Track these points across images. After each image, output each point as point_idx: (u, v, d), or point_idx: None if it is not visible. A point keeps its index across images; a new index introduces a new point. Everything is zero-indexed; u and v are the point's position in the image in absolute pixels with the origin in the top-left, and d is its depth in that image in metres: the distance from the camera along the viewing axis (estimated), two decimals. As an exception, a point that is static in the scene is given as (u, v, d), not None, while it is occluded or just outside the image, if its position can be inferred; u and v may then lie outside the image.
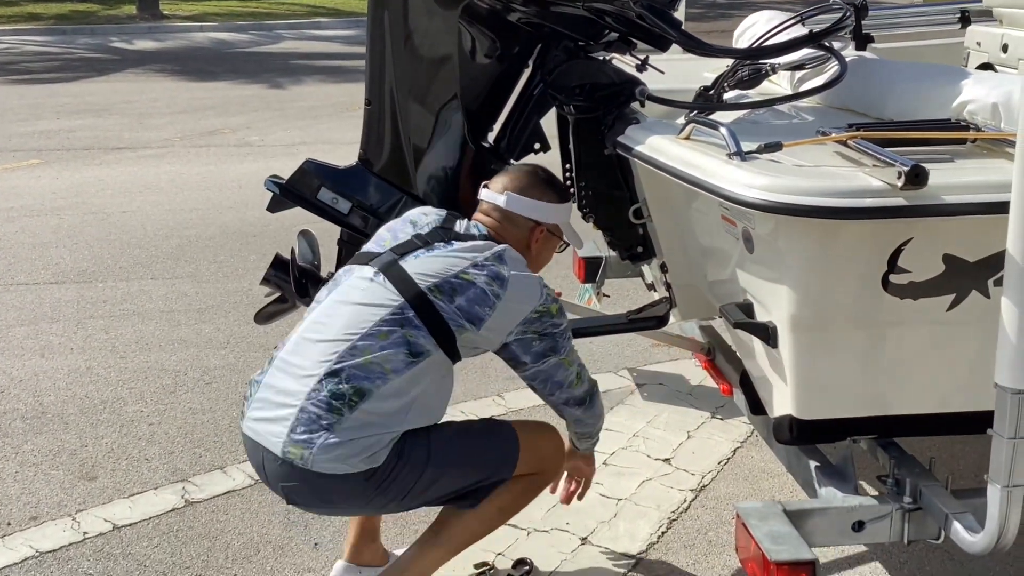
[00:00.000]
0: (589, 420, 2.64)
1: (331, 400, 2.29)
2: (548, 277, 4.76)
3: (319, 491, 2.36)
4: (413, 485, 2.39)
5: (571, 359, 2.53)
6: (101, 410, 3.86)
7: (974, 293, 2.13)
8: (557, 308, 2.48)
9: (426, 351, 2.35)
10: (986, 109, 2.30)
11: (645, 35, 2.69)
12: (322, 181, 2.83)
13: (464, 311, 2.36)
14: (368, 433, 2.30)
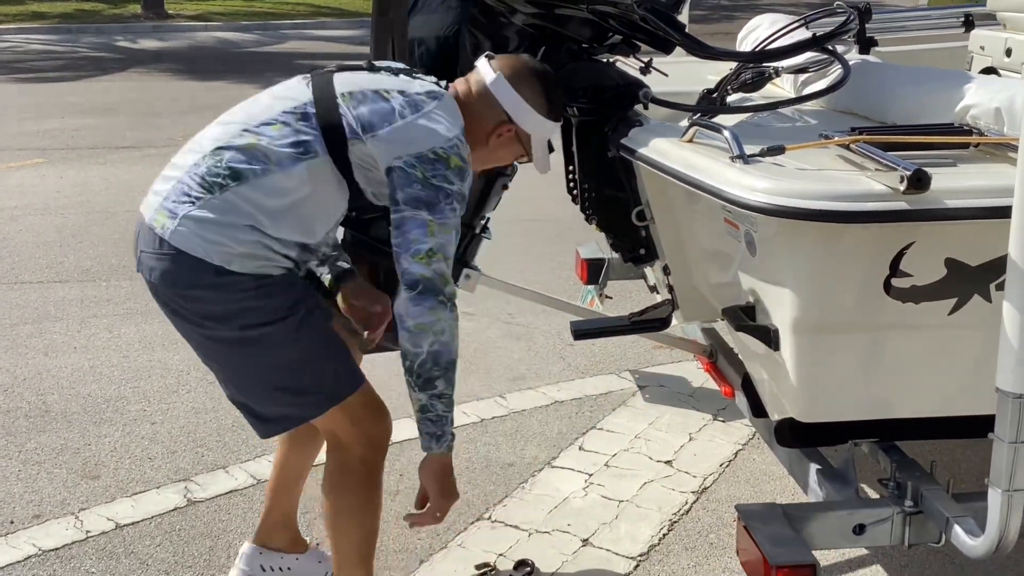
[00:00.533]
0: (413, 323, 2.22)
1: (206, 176, 2.21)
2: (551, 279, 4.75)
3: (172, 279, 2.23)
4: (244, 335, 2.25)
5: (438, 232, 2.21)
6: (104, 409, 3.87)
7: (976, 297, 2.13)
8: (458, 165, 2.23)
9: (313, 151, 2.23)
10: (989, 113, 2.30)
11: (649, 38, 2.70)
12: None
13: (363, 119, 2.24)
14: (233, 218, 2.19)
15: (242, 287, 2.22)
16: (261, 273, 2.24)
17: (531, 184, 3.96)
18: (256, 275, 2.23)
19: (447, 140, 2.24)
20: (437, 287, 2.22)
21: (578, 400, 3.98)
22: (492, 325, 4.70)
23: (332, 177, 2.27)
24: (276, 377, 2.33)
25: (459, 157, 2.24)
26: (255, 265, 2.23)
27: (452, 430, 2.32)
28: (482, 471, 3.45)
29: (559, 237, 5.87)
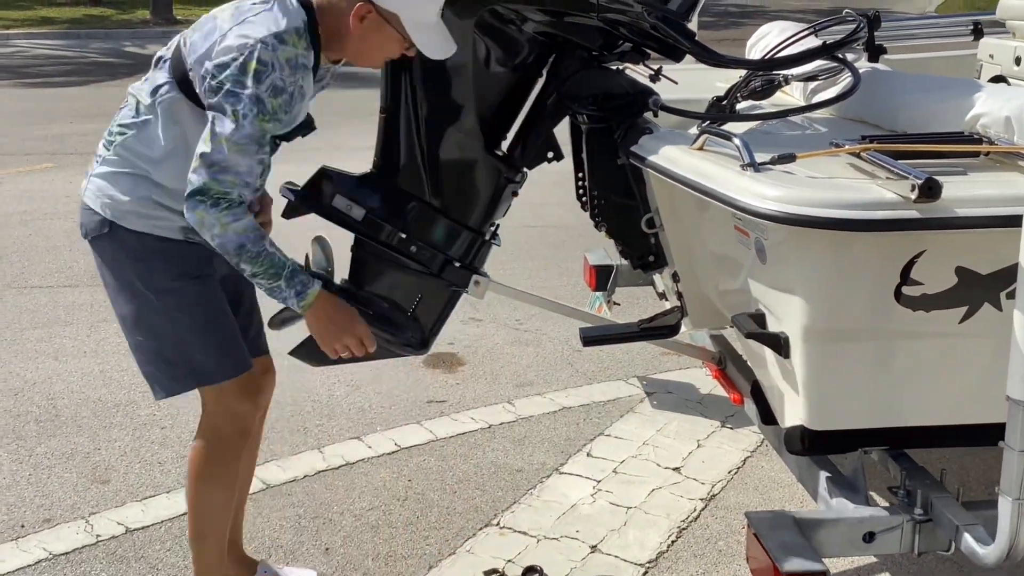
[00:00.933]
0: (194, 225, 2.26)
1: (106, 136, 2.43)
2: (559, 285, 4.76)
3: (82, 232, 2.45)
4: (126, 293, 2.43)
5: (216, 141, 2.20)
6: (114, 413, 3.89)
7: (986, 306, 2.13)
8: (256, 68, 2.17)
9: (165, 91, 2.32)
10: (999, 122, 2.31)
11: (659, 45, 2.70)
12: (337, 188, 2.84)
13: (193, 45, 2.30)
14: (122, 168, 2.36)
15: (129, 245, 2.37)
16: (153, 234, 2.36)
17: (539, 191, 3.99)
18: (145, 234, 2.36)
19: (251, 43, 2.19)
20: (207, 190, 2.22)
21: (586, 406, 3.99)
22: (500, 331, 4.70)
23: (192, 113, 2.32)
24: (151, 340, 2.47)
25: (257, 59, 2.18)
26: (145, 224, 2.36)
27: (302, 289, 2.36)
28: (490, 477, 3.46)
29: (566, 243, 5.88)
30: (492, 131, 2.87)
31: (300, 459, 3.56)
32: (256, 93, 2.19)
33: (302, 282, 2.36)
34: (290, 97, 2.25)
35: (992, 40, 3.89)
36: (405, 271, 2.89)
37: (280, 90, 2.22)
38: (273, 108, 2.22)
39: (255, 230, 2.30)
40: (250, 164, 2.25)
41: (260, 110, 2.20)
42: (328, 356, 3.12)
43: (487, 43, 2.72)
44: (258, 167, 2.30)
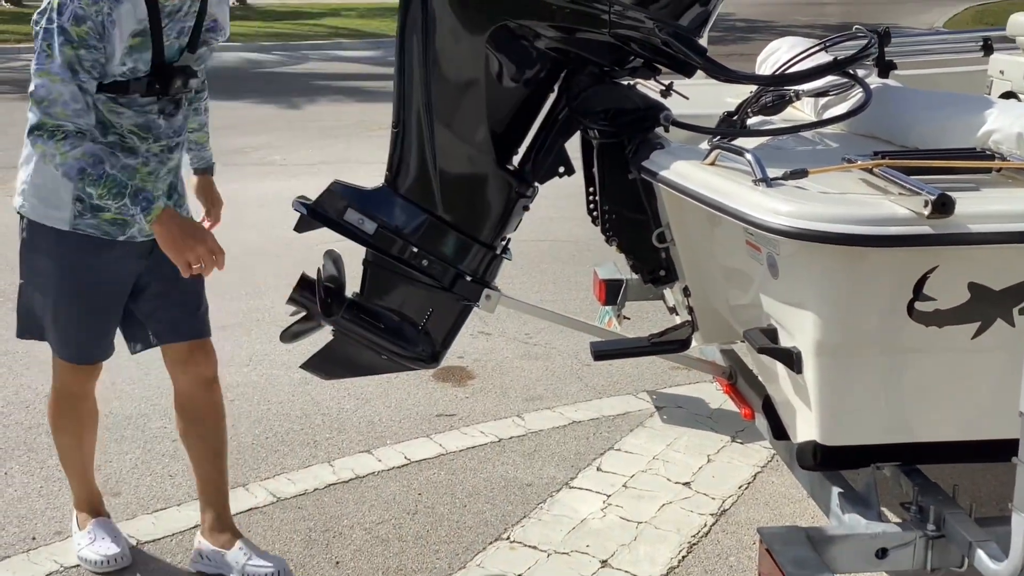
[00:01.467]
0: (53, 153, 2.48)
1: None
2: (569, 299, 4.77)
3: None
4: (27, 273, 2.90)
5: (40, 77, 2.46)
6: (125, 426, 3.90)
7: (999, 321, 2.13)
8: (58, 4, 2.43)
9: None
10: (1011, 138, 2.31)
11: (670, 61, 2.71)
12: (349, 202, 2.85)
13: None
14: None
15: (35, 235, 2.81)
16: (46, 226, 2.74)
17: (549, 204, 4.01)
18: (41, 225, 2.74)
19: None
20: (42, 125, 2.47)
21: (596, 420, 3.99)
22: (509, 345, 4.71)
23: None
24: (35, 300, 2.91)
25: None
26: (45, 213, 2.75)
27: (147, 205, 2.51)
28: (500, 491, 3.46)
29: (576, 257, 5.89)
30: (504, 146, 2.88)
31: (310, 472, 3.56)
32: (60, 24, 2.43)
33: (146, 198, 2.52)
34: (98, 25, 2.45)
35: (1002, 56, 3.90)
36: (416, 285, 2.90)
37: (82, 18, 2.44)
38: (79, 35, 2.44)
39: (93, 155, 2.48)
40: (73, 91, 2.46)
41: (66, 39, 2.43)
42: (337, 370, 3.14)
43: (499, 58, 2.74)
44: (81, 95, 2.48)
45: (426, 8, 2.67)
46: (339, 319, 2.91)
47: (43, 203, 2.72)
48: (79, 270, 2.76)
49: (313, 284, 2.91)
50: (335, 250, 3.02)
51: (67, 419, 3.01)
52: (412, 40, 2.73)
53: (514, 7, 2.61)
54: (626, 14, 2.55)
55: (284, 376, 4.28)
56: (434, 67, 2.74)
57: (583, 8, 2.56)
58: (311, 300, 2.91)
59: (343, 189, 2.91)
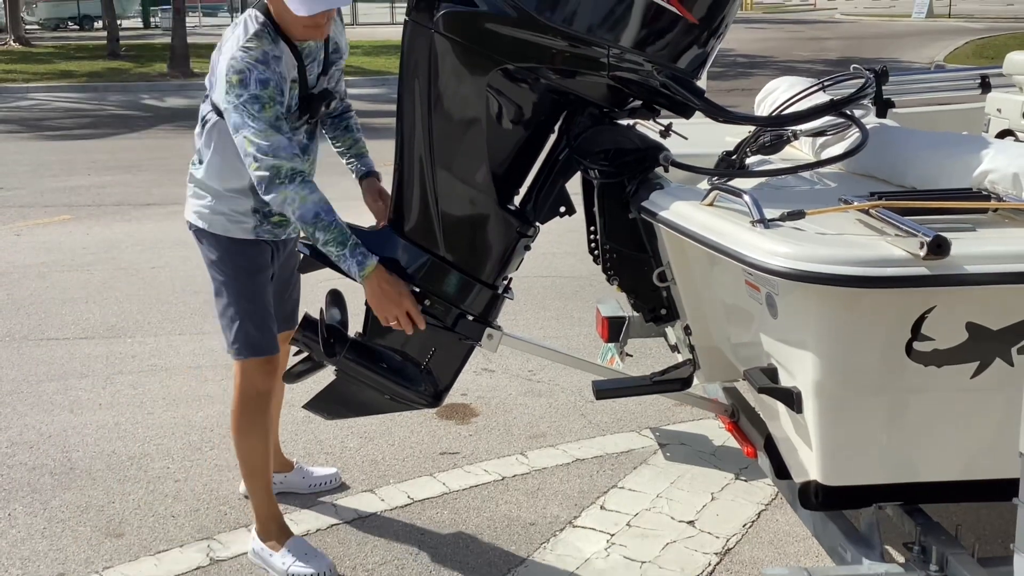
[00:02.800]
0: (277, 207, 2.77)
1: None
2: (571, 336, 4.76)
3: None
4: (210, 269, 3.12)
5: (253, 139, 2.72)
6: (128, 466, 3.90)
7: (998, 361, 2.14)
8: (237, 80, 2.73)
9: (208, 112, 2.97)
10: (1007, 179, 2.33)
11: (669, 102, 2.75)
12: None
13: (209, 73, 2.93)
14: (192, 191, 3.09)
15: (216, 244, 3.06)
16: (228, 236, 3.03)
17: (551, 240, 4.03)
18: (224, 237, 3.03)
19: (226, 70, 2.77)
20: (271, 179, 2.73)
21: (599, 458, 3.98)
22: (512, 382, 4.71)
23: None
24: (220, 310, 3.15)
25: (235, 72, 2.75)
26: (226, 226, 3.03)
27: (363, 260, 2.77)
28: (504, 530, 3.45)
29: (578, 294, 5.90)
30: (505, 186, 2.91)
31: (312, 513, 3.55)
32: (251, 94, 2.74)
33: (363, 253, 2.77)
34: (277, 83, 2.79)
35: (999, 94, 3.93)
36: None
37: (265, 81, 2.76)
38: (269, 96, 2.76)
39: (325, 202, 2.77)
40: (285, 141, 2.76)
41: (261, 104, 2.74)
42: (340, 410, 3.17)
43: (500, 100, 2.77)
44: (289, 143, 2.77)
45: (428, 51, 2.71)
46: (341, 359, 2.92)
47: (231, 223, 3.04)
48: (255, 270, 3.08)
49: (316, 324, 2.93)
50: (338, 290, 3.04)
51: (258, 419, 3.15)
52: (414, 82, 2.77)
53: (515, 50, 2.65)
54: (625, 57, 2.58)
55: (287, 415, 4.27)
56: (436, 109, 2.78)
57: (582, 51, 2.59)
58: (314, 340, 2.93)
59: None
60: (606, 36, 2.55)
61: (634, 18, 2.54)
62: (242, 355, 3.11)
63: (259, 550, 3.20)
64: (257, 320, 3.10)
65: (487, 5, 2.62)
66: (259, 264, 3.10)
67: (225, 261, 3.07)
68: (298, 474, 3.67)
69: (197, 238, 3.11)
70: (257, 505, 3.23)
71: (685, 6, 2.52)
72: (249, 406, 3.15)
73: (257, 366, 3.12)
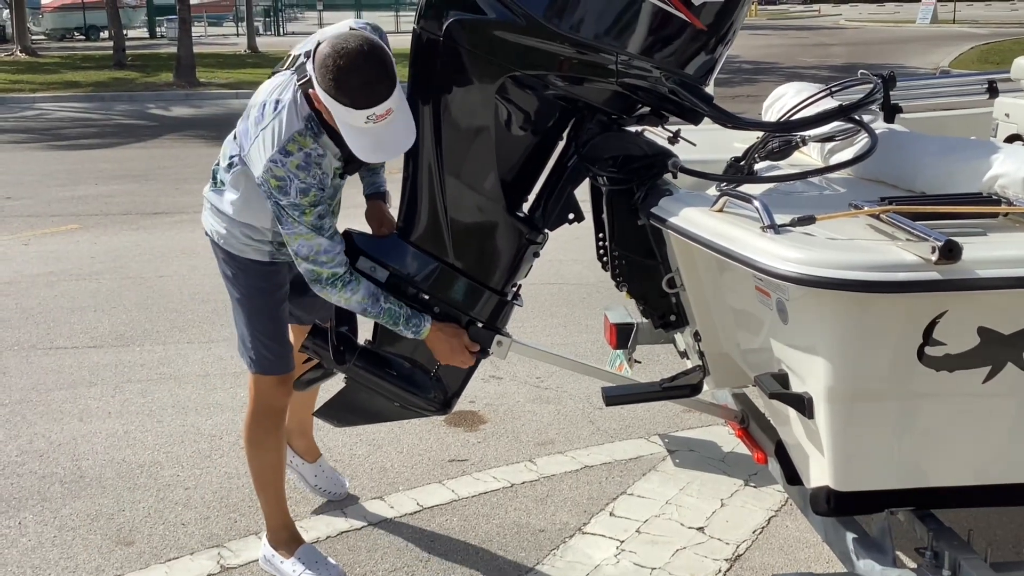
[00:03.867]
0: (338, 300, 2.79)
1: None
2: (579, 342, 4.76)
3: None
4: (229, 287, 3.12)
5: (292, 240, 2.73)
6: (138, 474, 3.90)
7: (1009, 365, 2.14)
8: (276, 184, 2.67)
9: (235, 156, 2.90)
10: (1017, 183, 2.33)
11: (677, 109, 2.75)
12: (360, 251, 2.89)
13: (239, 137, 2.86)
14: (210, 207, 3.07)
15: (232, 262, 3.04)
16: (245, 257, 3.00)
17: (559, 247, 4.03)
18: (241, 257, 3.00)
19: (264, 169, 2.70)
20: (313, 280, 2.77)
21: (608, 465, 3.98)
22: (520, 389, 4.71)
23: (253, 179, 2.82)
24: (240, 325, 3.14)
25: (274, 177, 2.68)
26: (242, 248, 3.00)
27: (417, 328, 2.83)
28: (513, 537, 3.44)
29: (586, 301, 5.90)
30: (513, 193, 2.92)
31: (322, 520, 3.56)
32: (291, 202, 2.69)
33: (416, 324, 2.83)
34: (318, 185, 2.72)
35: (1007, 99, 3.93)
36: None
37: (305, 190, 2.69)
38: (311, 201, 2.70)
39: (370, 296, 2.78)
40: (327, 243, 2.74)
41: (300, 211, 2.70)
42: (350, 417, 3.18)
43: (509, 108, 2.78)
44: (332, 243, 2.75)
45: (436, 59, 2.72)
46: (351, 367, 2.93)
47: (247, 247, 3.00)
48: (271, 289, 3.06)
49: (326, 332, 2.94)
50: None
51: (272, 435, 3.15)
52: (423, 90, 2.78)
53: (523, 58, 2.66)
54: (633, 63, 2.59)
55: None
56: (444, 117, 2.79)
57: (590, 58, 2.60)
58: (324, 348, 2.94)
59: (355, 237, 2.94)
60: (614, 43, 2.56)
61: (642, 25, 2.54)
62: (256, 371, 3.10)
63: (270, 557, 3.21)
64: (272, 338, 3.06)
65: (495, 13, 2.63)
66: (276, 283, 3.07)
67: (240, 279, 3.04)
68: (314, 469, 3.67)
69: (214, 250, 3.09)
70: (268, 514, 3.23)
71: (693, 12, 2.53)
72: (262, 420, 3.13)
73: (271, 383, 3.10)
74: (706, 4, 2.53)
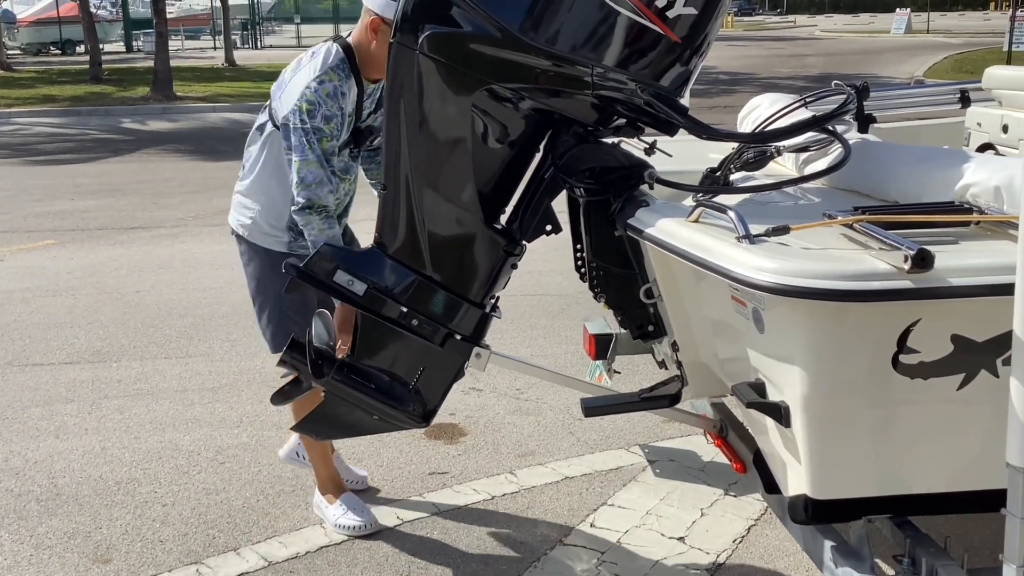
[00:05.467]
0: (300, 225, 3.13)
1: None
2: (558, 353, 4.76)
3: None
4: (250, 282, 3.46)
5: (302, 167, 3.06)
6: (115, 491, 3.87)
7: (983, 372, 2.16)
8: (308, 109, 3.05)
9: (266, 122, 3.27)
10: (989, 192, 2.35)
11: (653, 120, 2.76)
12: (338, 263, 2.89)
13: (273, 92, 3.25)
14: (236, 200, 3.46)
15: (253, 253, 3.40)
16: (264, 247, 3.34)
17: (538, 258, 4.02)
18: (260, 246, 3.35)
19: (299, 96, 3.08)
20: (305, 205, 3.08)
21: (588, 476, 3.98)
22: (500, 400, 4.71)
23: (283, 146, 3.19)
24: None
25: (307, 101, 3.07)
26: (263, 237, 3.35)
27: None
28: (494, 550, 3.44)
29: (565, 311, 5.91)
30: (491, 205, 2.92)
31: (302, 535, 3.54)
32: (314, 126, 3.06)
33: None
34: (341, 117, 3.13)
35: (979, 109, 3.97)
36: (407, 345, 2.92)
37: (329, 117, 3.09)
38: (330, 131, 3.10)
39: (338, 240, 3.12)
40: (328, 176, 3.09)
41: (320, 136, 3.07)
42: (329, 431, 3.17)
43: (485, 120, 2.78)
44: (330, 179, 3.10)
45: (413, 72, 2.73)
46: (330, 380, 2.92)
47: (268, 236, 3.34)
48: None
49: (304, 346, 2.93)
50: (325, 311, 3.04)
51: (310, 404, 3.25)
52: (400, 103, 2.78)
53: (500, 70, 2.66)
54: (608, 76, 2.60)
55: (275, 437, 4.27)
56: (421, 129, 2.79)
57: (567, 71, 2.61)
58: (302, 362, 2.93)
59: (332, 250, 2.94)
60: (589, 55, 2.57)
61: (617, 37, 2.56)
62: (274, 351, 3.30)
63: (318, 501, 3.64)
64: (296, 317, 3.27)
65: (471, 26, 2.63)
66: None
67: (260, 267, 3.36)
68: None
69: (239, 247, 3.44)
70: (316, 467, 3.65)
71: (668, 25, 2.54)
72: (303, 402, 3.27)
73: None
74: (681, 16, 2.55)
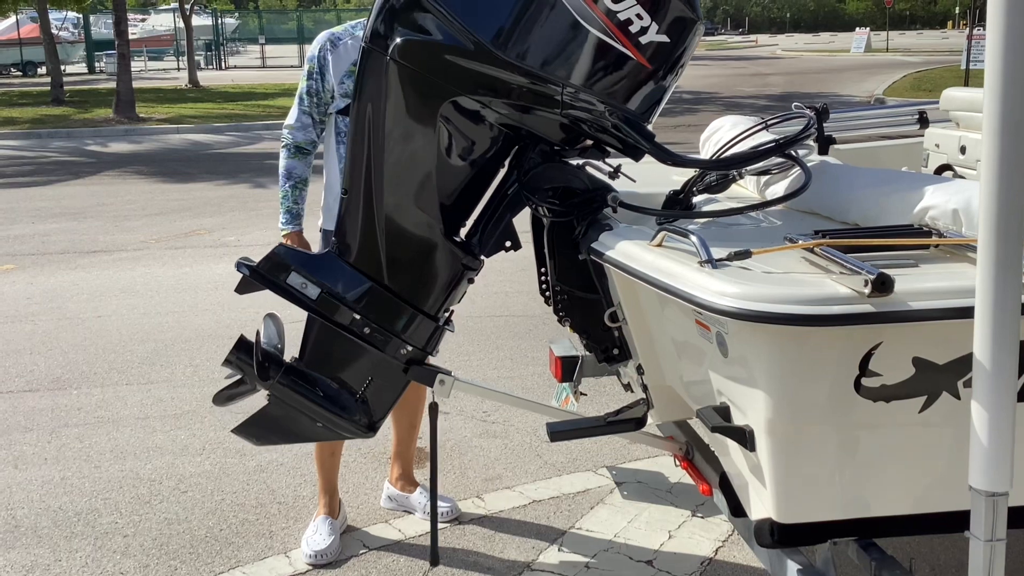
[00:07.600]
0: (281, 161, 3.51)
1: None
2: (525, 375, 4.75)
3: None
4: None
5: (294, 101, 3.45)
6: (75, 522, 3.80)
7: (945, 395, 2.17)
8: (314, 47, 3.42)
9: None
10: (947, 215, 2.38)
11: (620, 144, 2.77)
12: (293, 266, 2.84)
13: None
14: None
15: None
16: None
17: (504, 280, 4.02)
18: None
19: (316, 40, 3.48)
20: (285, 140, 3.50)
21: (556, 499, 3.96)
22: (467, 423, 4.68)
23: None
24: None
25: (317, 41, 3.45)
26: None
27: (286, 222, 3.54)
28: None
29: (532, 333, 5.90)
30: (452, 217, 2.90)
31: (265, 564, 3.49)
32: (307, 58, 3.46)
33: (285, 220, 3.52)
34: (318, 63, 3.40)
35: (937, 130, 4.02)
36: (357, 353, 2.88)
37: (311, 58, 3.42)
38: (308, 71, 3.42)
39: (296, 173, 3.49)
40: (298, 114, 3.46)
41: (304, 75, 3.43)
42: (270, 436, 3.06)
43: (451, 131, 2.77)
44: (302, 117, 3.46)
45: (382, 77, 2.71)
46: (275, 384, 2.85)
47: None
48: None
49: (251, 347, 2.86)
50: (275, 313, 2.97)
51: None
52: (367, 107, 2.76)
53: (469, 82, 2.66)
54: (578, 96, 2.60)
55: (238, 464, 4.22)
56: (386, 137, 2.77)
57: (537, 88, 2.61)
58: (247, 363, 2.85)
59: (287, 252, 2.90)
60: (560, 74, 2.58)
61: (588, 58, 2.56)
62: None
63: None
64: None
65: (444, 36, 2.63)
66: None
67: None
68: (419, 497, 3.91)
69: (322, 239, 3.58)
70: (319, 477, 3.75)
71: (640, 51, 2.56)
72: None
73: None
74: (654, 43, 2.56)
